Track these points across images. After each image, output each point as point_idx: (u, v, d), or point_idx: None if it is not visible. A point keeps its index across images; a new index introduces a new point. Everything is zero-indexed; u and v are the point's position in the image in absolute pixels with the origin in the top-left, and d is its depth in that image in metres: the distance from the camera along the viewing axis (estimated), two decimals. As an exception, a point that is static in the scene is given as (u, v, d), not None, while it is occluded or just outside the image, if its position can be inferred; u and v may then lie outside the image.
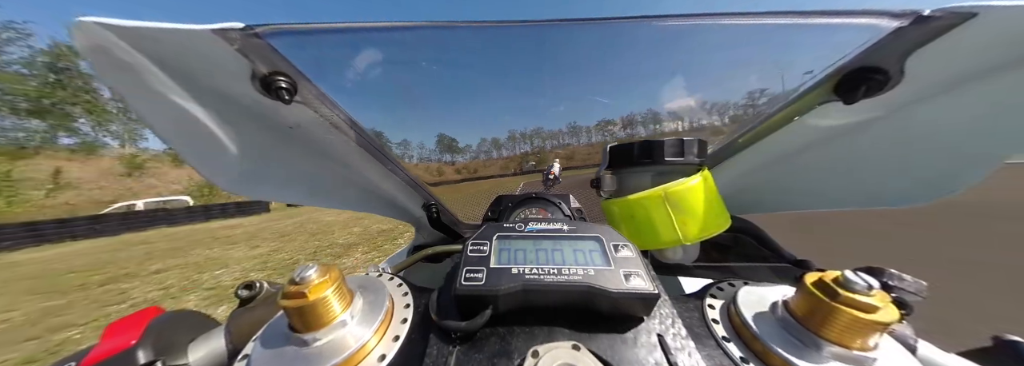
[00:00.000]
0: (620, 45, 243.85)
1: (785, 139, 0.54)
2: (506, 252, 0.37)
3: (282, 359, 0.30)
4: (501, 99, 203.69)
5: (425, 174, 37.19)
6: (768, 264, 0.61)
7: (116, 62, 0.39)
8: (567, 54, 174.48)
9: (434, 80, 29.63)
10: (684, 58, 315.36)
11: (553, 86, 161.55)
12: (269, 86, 0.44)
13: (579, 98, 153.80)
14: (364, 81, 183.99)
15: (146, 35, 0.37)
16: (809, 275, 0.30)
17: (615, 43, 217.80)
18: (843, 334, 0.27)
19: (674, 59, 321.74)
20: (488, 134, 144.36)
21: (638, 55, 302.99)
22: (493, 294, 0.32)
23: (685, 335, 0.33)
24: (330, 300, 0.32)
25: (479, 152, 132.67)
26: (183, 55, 0.40)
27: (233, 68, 0.42)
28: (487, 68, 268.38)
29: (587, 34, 23.55)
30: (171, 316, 0.43)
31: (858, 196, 0.58)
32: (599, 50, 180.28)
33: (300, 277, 0.31)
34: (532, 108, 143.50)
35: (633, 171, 0.48)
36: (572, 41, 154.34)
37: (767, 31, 0.41)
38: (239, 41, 0.38)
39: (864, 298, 0.26)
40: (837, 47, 0.40)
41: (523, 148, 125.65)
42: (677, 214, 0.43)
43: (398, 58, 1.47)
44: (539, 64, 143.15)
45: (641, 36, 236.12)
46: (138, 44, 0.38)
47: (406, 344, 0.33)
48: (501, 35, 0.48)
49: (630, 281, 0.33)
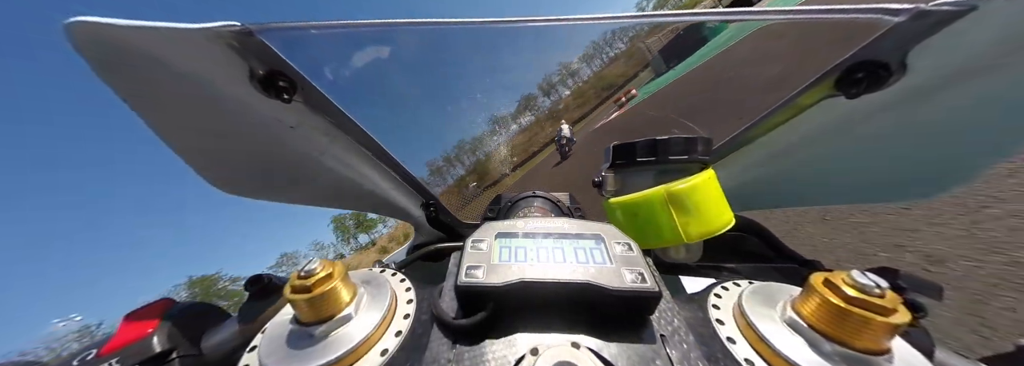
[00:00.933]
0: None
1: (787, 134, 0.53)
2: (506, 249, 0.37)
3: (288, 350, 0.31)
4: (493, 86, 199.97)
5: (500, 166, 35.00)
6: (774, 264, 0.60)
7: (112, 62, 0.39)
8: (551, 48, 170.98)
9: (434, 73, 28.80)
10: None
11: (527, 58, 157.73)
12: (268, 86, 0.44)
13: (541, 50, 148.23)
14: (363, 78, 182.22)
15: (142, 35, 0.37)
16: (816, 275, 0.29)
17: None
18: (852, 336, 0.26)
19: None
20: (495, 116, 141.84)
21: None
22: (493, 291, 0.32)
23: (688, 335, 0.33)
24: (334, 294, 0.32)
25: (499, 132, 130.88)
26: (180, 55, 0.40)
27: (231, 68, 0.42)
28: (485, 60, 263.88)
29: (587, 30, 23.14)
30: (185, 307, 0.44)
31: (859, 192, 0.57)
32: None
33: (305, 271, 0.32)
34: (517, 84, 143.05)
35: (636, 170, 0.47)
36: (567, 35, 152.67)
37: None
38: (236, 40, 0.38)
39: (874, 299, 0.25)
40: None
41: (528, 119, 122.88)
42: (680, 213, 0.42)
43: (398, 54, 1.47)
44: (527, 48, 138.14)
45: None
46: (134, 44, 0.38)
47: (407, 339, 0.34)
48: (499, 31, 0.48)
49: (631, 280, 0.32)
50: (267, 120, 0.52)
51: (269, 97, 0.45)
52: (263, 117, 0.52)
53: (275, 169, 0.63)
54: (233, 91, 0.45)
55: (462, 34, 31.24)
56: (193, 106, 0.47)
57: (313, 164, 0.64)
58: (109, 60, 0.38)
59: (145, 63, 0.40)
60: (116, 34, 0.36)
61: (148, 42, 0.38)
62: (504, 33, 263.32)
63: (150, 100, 0.44)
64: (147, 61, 0.40)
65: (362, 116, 0.56)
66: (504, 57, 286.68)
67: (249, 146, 0.56)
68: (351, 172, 0.69)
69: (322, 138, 0.58)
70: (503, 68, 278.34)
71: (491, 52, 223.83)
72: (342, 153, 0.63)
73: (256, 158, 0.59)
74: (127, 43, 0.37)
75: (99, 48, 0.37)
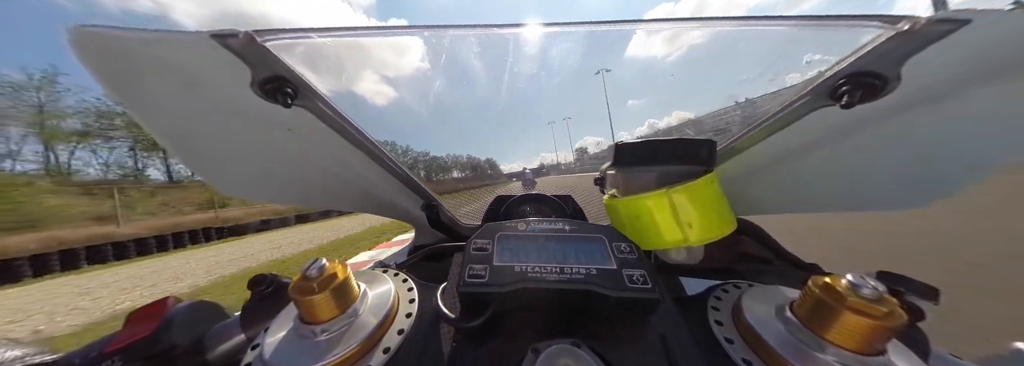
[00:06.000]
0: (609, 50, 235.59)
1: (782, 143, 0.54)
2: (509, 251, 0.38)
3: (291, 349, 0.32)
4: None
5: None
6: (773, 267, 0.60)
7: (114, 69, 0.39)
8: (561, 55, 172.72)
9: (439, 80, 28.90)
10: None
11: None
12: (269, 90, 0.44)
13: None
14: (364, 83, 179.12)
15: (143, 41, 0.37)
16: (815, 278, 0.29)
17: (608, 48, 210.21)
18: (850, 339, 0.27)
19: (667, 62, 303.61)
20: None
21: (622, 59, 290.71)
22: (495, 291, 0.32)
23: (687, 336, 0.33)
24: (338, 294, 0.33)
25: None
26: (182, 61, 0.40)
27: (232, 73, 0.42)
28: (494, 69, 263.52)
29: (583, 37, 23.64)
30: (188, 306, 0.44)
31: (855, 200, 0.58)
32: (593, 53, 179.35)
33: (310, 271, 0.32)
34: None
35: (639, 170, 0.47)
36: (570, 43, 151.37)
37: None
38: (238, 46, 0.38)
39: (872, 302, 0.26)
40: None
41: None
42: (682, 215, 0.43)
43: (401, 60, 1.47)
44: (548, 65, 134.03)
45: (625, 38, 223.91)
46: (135, 51, 0.38)
47: (410, 338, 0.34)
48: (508, 38, 0.48)
49: (632, 281, 0.33)
50: (269, 124, 0.53)
51: (270, 102, 0.45)
52: (264, 121, 0.52)
53: (276, 171, 0.63)
54: (234, 96, 0.46)
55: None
56: (193, 111, 0.47)
57: (313, 167, 0.65)
58: (109, 67, 0.38)
59: (146, 70, 0.40)
60: (117, 41, 0.36)
61: (149, 49, 0.38)
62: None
63: (151, 106, 0.44)
64: (149, 68, 0.40)
65: (360, 118, 0.57)
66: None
67: (250, 149, 0.57)
68: (352, 175, 0.70)
69: (323, 141, 0.58)
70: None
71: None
72: (343, 156, 0.63)
73: (257, 161, 0.59)
74: (128, 50, 0.38)
75: (100, 55, 0.37)
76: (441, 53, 1.22)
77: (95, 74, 0.38)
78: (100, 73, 0.38)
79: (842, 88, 0.40)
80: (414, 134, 11.70)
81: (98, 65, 0.38)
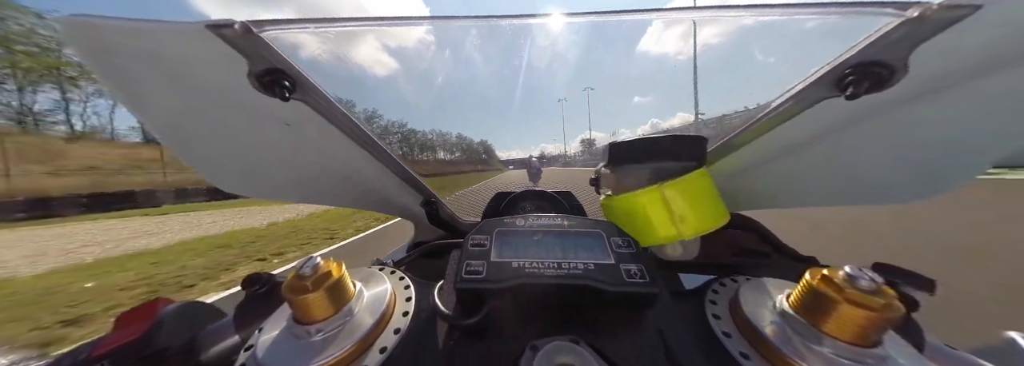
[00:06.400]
0: (610, 39, 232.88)
1: (785, 135, 0.53)
2: (507, 246, 0.37)
3: (285, 350, 0.31)
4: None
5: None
6: (770, 261, 0.61)
7: (109, 60, 0.38)
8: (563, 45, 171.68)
9: (440, 71, 28.06)
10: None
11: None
12: (266, 83, 0.43)
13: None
14: (363, 75, 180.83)
15: (138, 32, 0.36)
16: (812, 271, 0.29)
17: (606, 38, 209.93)
18: (847, 330, 0.27)
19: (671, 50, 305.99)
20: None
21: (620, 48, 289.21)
22: (494, 287, 0.32)
23: (686, 330, 0.33)
24: (333, 293, 0.32)
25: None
26: (178, 52, 0.40)
27: (229, 65, 0.41)
28: (493, 58, 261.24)
29: (587, 26, 23.13)
30: (180, 307, 0.44)
31: (857, 193, 0.57)
32: (595, 42, 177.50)
33: (304, 270, 0.32)
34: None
35: (632, 168, 0.48)
36: (573, 32, 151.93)
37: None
38: (235, 37, 0.37)
39: (868, 294, 0.26)
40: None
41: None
42: (675, 210, 0.43)
43: (401, 51, 1.45)
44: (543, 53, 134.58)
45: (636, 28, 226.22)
46: (131, 42, 0.37)
47: (407, 337, 0.33)
48: (507, 28, 0.47)
49: (630, 276, 0.33)
50: (266, 118, 0.52)
51: (267, 95, 0.44)
52: (261, 115, 0.51)
53: (274, 167, 0.62)
54: (231, 89, 0.45)
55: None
56: (190, 104, 0.46)
57: (312, 162, 0.64)
58: (104, 58, 0.38)
59: (141, 61, 0.39)
60: (111, 32, 0.35)
61: (145, 40, 0.37)
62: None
63: (148, 98, 0.43)
64: (144, 59, 0.39)
65: (360, 112, 0.55)
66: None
67: (248, 144, 0.56)
68: (350, 170, 0.69)
69: (321, 136, 0.57)
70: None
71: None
72: (341, 151, 0.62)
73: (255, 156, 0.58)
74: (123, 41, 0.37)
75: (94, 46, 0.36)
76: (445, 33, 1.19)
77: (90, 65, 0.37)
78: (95, 64, 0.38)
79: (848, 78, 0.39)
80: (403, 108, 11.51)
81: (93, 56, 0.37)
